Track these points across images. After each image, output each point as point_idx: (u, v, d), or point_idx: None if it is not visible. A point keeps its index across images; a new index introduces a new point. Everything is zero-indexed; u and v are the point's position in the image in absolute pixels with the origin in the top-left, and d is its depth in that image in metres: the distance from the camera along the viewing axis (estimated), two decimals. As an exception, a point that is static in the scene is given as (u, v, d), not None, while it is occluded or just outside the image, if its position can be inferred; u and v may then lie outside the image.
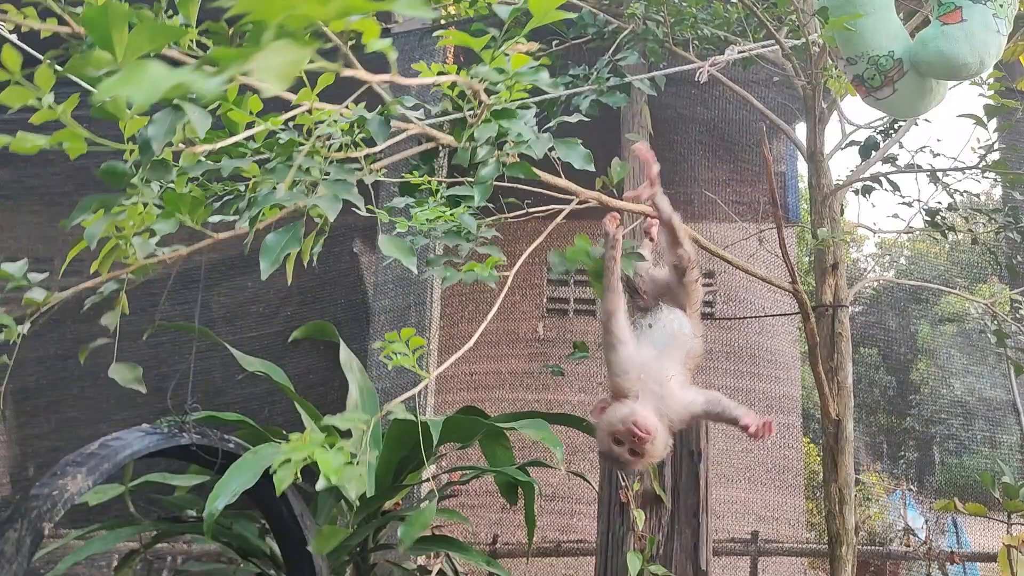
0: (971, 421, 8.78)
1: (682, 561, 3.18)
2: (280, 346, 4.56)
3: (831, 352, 3.20)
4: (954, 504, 3.65)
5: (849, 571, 3.04)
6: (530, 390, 7.32)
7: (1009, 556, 3.45)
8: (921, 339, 16.45)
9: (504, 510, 5.42)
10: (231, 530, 3.27)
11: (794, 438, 8.84)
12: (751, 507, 8.12)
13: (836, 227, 3.25)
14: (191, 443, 2.80)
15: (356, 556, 3.38)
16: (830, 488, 3.10)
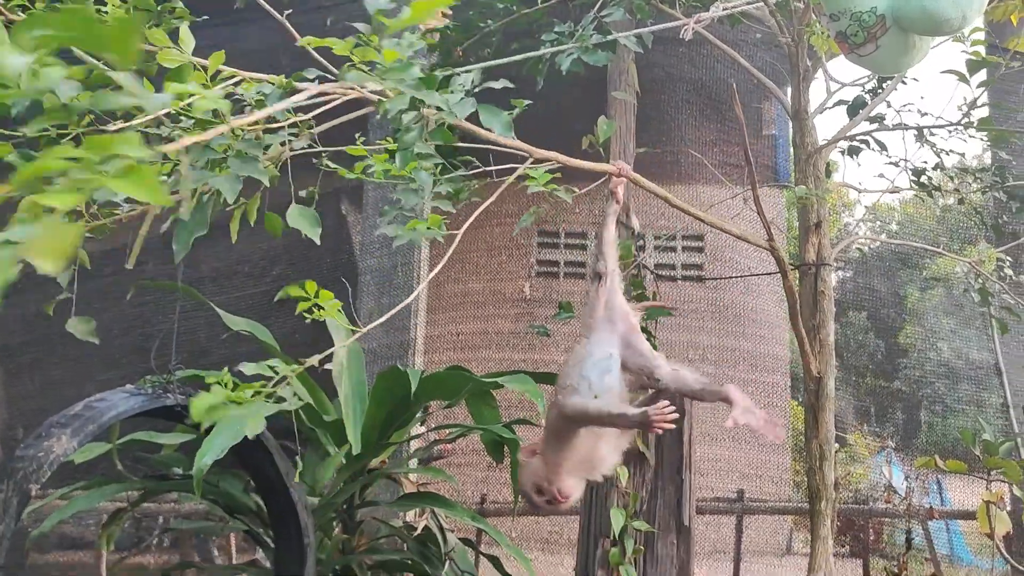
0: (957, 383, 8.85)
1: (665, 517, 3.22)
2: (266, 306, 4.55)
3: (813, 311, 3.21)
4: (935, 461, 3.69)
5: (828, 526, 3.08)
6: (516, 350, 7.35)
7: (988, 512, 3.50)
8: (909, 303, 16.56)
9: (491, 469, 5.47)
10: (218, 487, 3.29)
11: (779, 396, 8.92)
12: (735, 465, 8.22)
13: (820, 186, 3.25)
14: (176, 403, 2.80)
15: (343, 513, 3.41)
16: (811, 445, 3.14)
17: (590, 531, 3.24)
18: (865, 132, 3.67)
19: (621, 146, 3.66)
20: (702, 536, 6.78)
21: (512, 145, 2.10)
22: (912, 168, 3.76)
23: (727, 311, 8.57)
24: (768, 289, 8.51)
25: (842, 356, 21.01)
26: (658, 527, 3.18)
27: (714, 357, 8.67)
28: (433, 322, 5.44)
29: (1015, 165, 4.06)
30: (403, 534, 3.44)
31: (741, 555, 6.79)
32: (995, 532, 3.41)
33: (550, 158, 2.27)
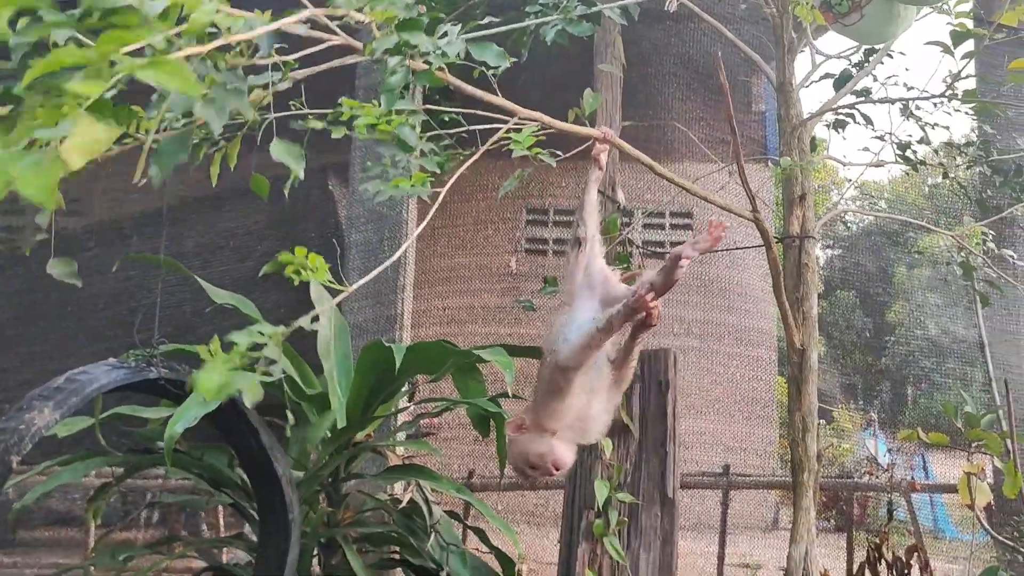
0: (943, 360, 8.92)
1: (649, 489, 3.24)
2: (251, 281, 4.53)
3: (797, 283, 3.22)
4: (917, 434, 3.71)
5: (810, 497, 3.10)
6: (503, 324, 7.37)
7: (969, 483, 3.53)
8: (897, 281, 16.64)
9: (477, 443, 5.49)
10: (202, 461, 3.29)
11: (764, 370, 8.98)
12: (720, 438, 8.28)
13: (805, 158, 3.25)
14: (159, 377, 2.79)
15: (328, 487, 3.41)
16: (794, 417, 3.15)
17: (575, 503, 3.26)
18: (850, 105, 3.67)
19: (607, 119, 3.65)
20: (687, 509, 6.84)
21: (496, 102, 2.09)
22: (897, 142, 3.76)
23: (712, 285, 8.60)
24: (753, 263, 8.54)
25: (830, 334, 21.16)
26: (642, 499, 3.20)
27: (699, 331, 8.71)
28: (420, 296, 5.43)
29: (999, 139, 4.07)
30: (388, 507, 3.45)
31: (727, 529, 6.85)
32: (975, 503, 3.44)
33: (535, 118, 2.26)
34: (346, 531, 3.35)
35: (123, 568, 3.42)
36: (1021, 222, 4.56)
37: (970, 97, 3.45)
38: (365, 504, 3.55)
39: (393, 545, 3.51)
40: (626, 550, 3.14)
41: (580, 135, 2.47)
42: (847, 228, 9.09)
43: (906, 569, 3.97)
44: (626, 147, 2.56)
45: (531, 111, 2.33)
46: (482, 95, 2.19)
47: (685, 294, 8.28)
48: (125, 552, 3.43)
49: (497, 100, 2.24)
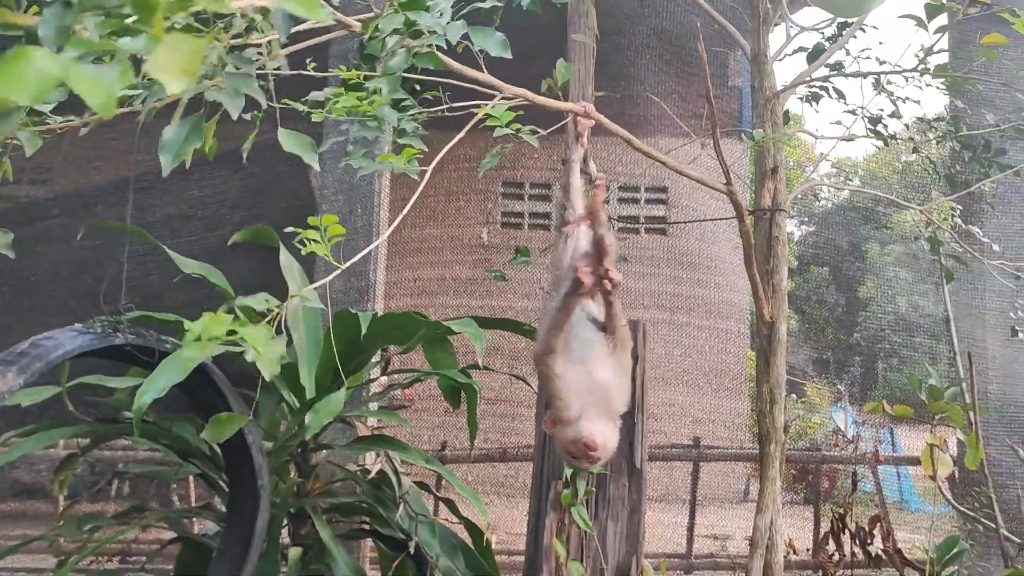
0: (913, 336, 9.03)
1: (617, 460, 3.26)
2: (220, 251, 4.48)
3: (768, 256, 3.23)
4: (883, 407, 3.76)
5: (777, 468, 3.14)
6: (474, 296, 7.37)
7: (932, 455, 3.59)
8: (869, 258, 16.81)
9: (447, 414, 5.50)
10: (171, 432, 3.26)
11: (733, 343, 9.07)
12: (689, 410, 8.36)
13: (777, 131, 3.25)
14: (125, 343, 2.75)
15: (297, 457, 3.41)
16: (762, 388, 3.18)
17: (543, 474, 3.27)
18: (823, 78, 3.67)
19: (580, 90, 3.63)
20: (655, 480, 6.91)
21: (482, 79, 2.06)
22: (869, 116, 3.77)
23: (683, 259, 8.65)
24: (724, 237, 8.59)
25: (803, 309, 21.36)
26: (610, 469, 3.21)
27: (670, 304, 8.77)
28: (392, 267, 5.41)
29: (970, 115, 4.10)
30: (358, 478, 3.45)
31: (697, 501, 6.94)
32: (937, 474, 3.50)
33: (519, 95, 2.24)
34: (315, 501, 3.34)
35: (89, 539, 3.40)
36: (988, 198, 4.61)
37: (941, 72, 3.47)
38: (335, 475, 3.55)
39: (362, 515, 3.51)
40: (594, 520, 3.16)
41: (562, 110, 2.46)
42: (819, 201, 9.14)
43: (869, 538, 4.03)
44: (606, 122, 2.55)
45: (516, 88, 2.31)
46: (469, 72, 2.16)
47: (656, 267, 8.32)
48: (92, 523, 3.41)
49: (483, 77, 2.22)
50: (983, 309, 5.02)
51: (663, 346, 8.03)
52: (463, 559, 3.26)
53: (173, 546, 3.80)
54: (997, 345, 4.99)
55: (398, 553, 3.21)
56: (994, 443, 4.85)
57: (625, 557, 3.21)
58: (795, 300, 18.97)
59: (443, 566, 3.18)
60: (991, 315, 5.01)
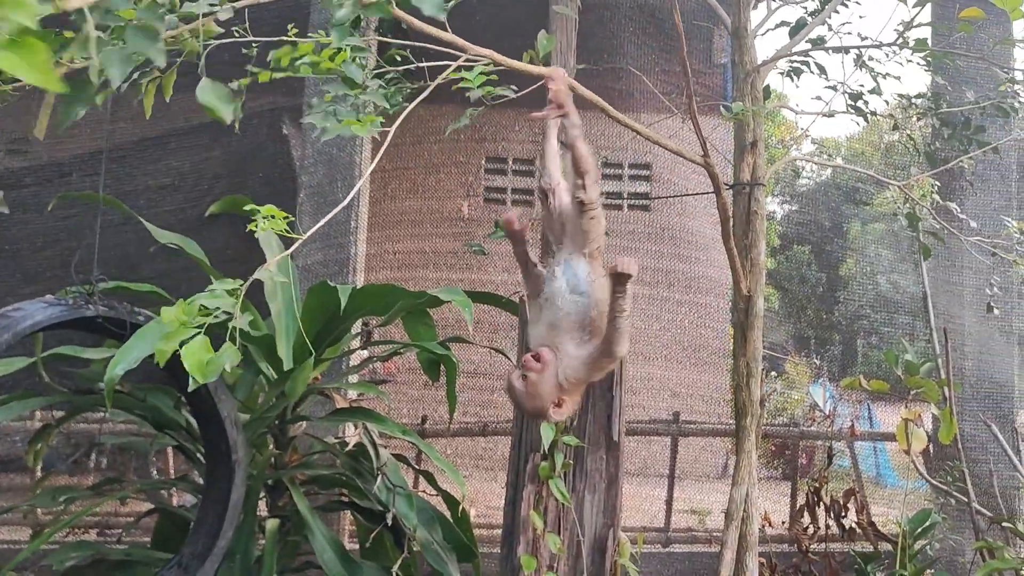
0: (893, 315, 9.09)
1: (595, 433, 3.27)
2: (197, 222, 4.45)
3: (746, 230, 3.23)
4: (859, 381, 3.80)
5: (752, 441, 3.16)
6: (454, 270, 7.35)
7: (906, 429, 3.63)
8: (851, 236, 16.88)
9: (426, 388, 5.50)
10: (145, 402, 3.24)
11: (713, 318, 9.10)
12: (667, 384, 8.41)
13: (757, 104, 3.24)
14: (97, 315, 2.72)
15: (275, 429, 3.40)
16: (739, 362, 3.20)
17: (521, 446, 3.28)
18: (804, 51, 3.66)
19: (562, 62, 3.60)
20: (633, 454, 6.95)
21: (446, 39, 2.04)
22: (849, 92, 3.77)
23: (664, 233, 8.65)
24: (705, 212, 8.60)
25: (784, 288, 21.45)
26: (588, 442, 3.22)
27: (650, 279, 8.79)
28: (372, 240, 5.37)
29: (951, 92, 4.10)
30: (336, 450, 3.44)
31: (675, 476, 6.98)
32: (912, 448, 3.54)
33: (484, 55, 2.22)
34: (293, 473, 3.34)
35: (65, 510, 3.39)
36: (968, 175, 4.62)
37: (921, 46, 3.46)
38: (313, 447, 3.54)
39: (340, 487, 3.52)
40: (571, 492, 3.17)
41: (531, 74, 2.43)
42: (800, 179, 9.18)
43: (843, 511, 4.08)
44: (578, 87, 2.52)
45: (481, 48, 2.28)
46: (431, 30, 2.14)
47: (636, 241, 8.32)
48: (68, 494, 3.39)
49: (446, 36, 2.19)
50: (960, 286, 5.05)
51: (642, 320, 8.05)
52: (440, 530, 3.27)
53: (151, 518, 3.79)
54: (973, 322, 5.03)
55: (376, 525, 3.21)
56: (968, 419, 4.90)
57: (602, 529, 3.23)
58: (776, 278, 19.04)
59: (421, 537, 3.19)
60: (968, 292, 5.04)
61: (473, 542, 3.39)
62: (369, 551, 3.31)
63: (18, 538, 5.43)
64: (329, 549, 3.11)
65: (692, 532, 6.99)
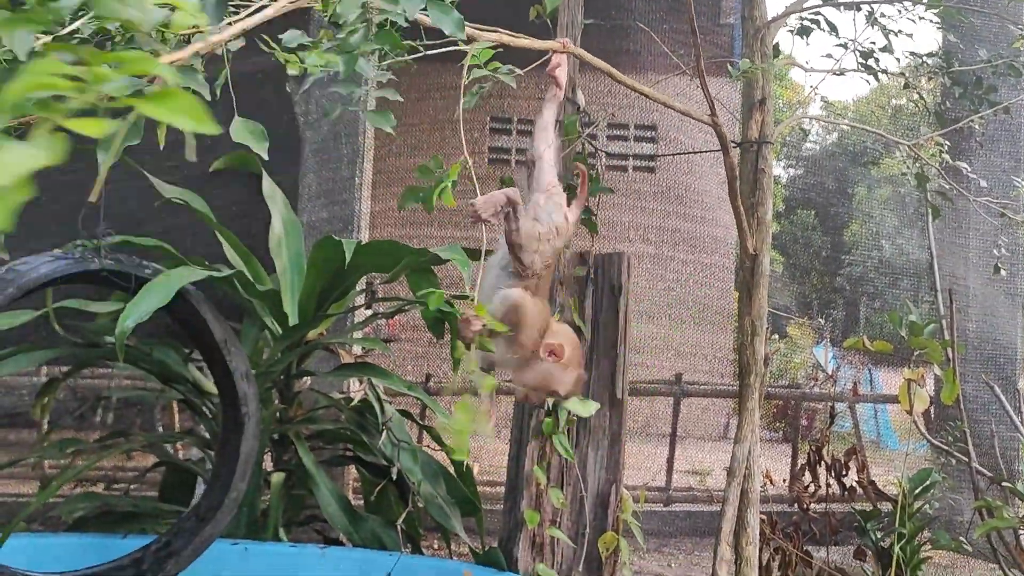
0: (897, 280, 9.10)
1: (599, 390, 3.29)
2: (202, 178, 4.43)
3: (753, 188, 3.22)
4: (863, 342, 3.80)
5: (756, 399, 3.17)
6: (459, 228, 7.35)
7: (909, 390, 3.63)
8: (856, 202, 16.85)
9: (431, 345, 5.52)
10: (152, 356, 3.26)
11: (718, 278, 9.11)
12: (671, 343, 8.44)
13: (766, 62, 3.21)
14: (102, 268, 2.72)
15: (280, 384, 3.41)
16: (744, 321, 3.20)
17: (525, 403, 3.29)
18: (815, 8, 3.62)
19: (569, 17, 3.55)
20: (636, 412, 6.99)
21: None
22: (860, 50, 3.72)
23: (670, 192, 8.63)
24: (712, 171, 8.56)
25: (788, 252, 21.41)
26: (592, 399, 3.24)
27: (655, 238, 8.78)
28: (377, 197, 5.36)
29: (963, 50, 4.06)
30: (341, 405, 3.47)
31: (677, 437, 7.04)
32: (913, 409, 3.55)
33: (495, 40, 2.19)
34: (298, 428, 3.37)
35: (72, 463, 3.43)
36: (977, 135, 4.58)
37: (935, 2, 3.42)
38: (318, 402, 3.57)
39: (345, 442, 3.55)
40: (575, 448, 3.19)
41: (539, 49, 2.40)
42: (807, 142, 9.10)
43: (844, 470, 4.11)
44: (586, 56, 2.49)
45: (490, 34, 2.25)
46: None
47: (641, 200, 8.29)
48: (75, 446, 3.43)
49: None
50: (966, 248, 5.04)
51: (647, 280, 8.06)
52: (444, 485, 3.30)
53: (157, 473, 3.83)
54: (979, 284, 5.03)
55: (380, 479, 3.24)
56: (971, 380, 4.92)
57: (605, 485, 3.26)
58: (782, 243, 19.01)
59: (424, 492, 3.22)
60: (974, 254, 5.03)
61: (477, 497, 3.42)
62: (373, 505, 3.35)
63: (25, 491, 5.50)
64: (334, 503, 3.14)
65: (693, 491, 7.07)
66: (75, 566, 2.41)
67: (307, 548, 2.98)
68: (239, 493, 2.73)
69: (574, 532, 3.17)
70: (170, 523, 2.78)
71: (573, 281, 3.28)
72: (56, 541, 2.84)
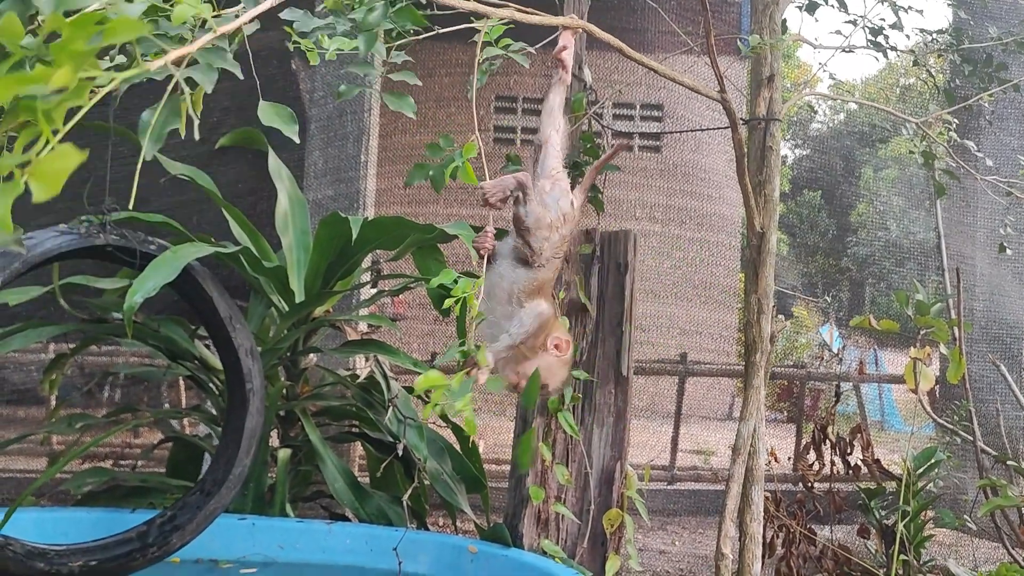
0: (903, 262, 9.09)
1: (604, 367, 3.29)
2: (207, 155, 4.43)
3: (760, 166, 3.21)
4: (869, 321, 3.79)
5: (761, 376, 3.17)
6: (464, 205, 7.35)
7: (915, 368, 3.63)
8: (863, 183, 16.82)
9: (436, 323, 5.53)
10: (159, 333, 3.27)
11: (724, 256, 9.09)
12: (676, 322, 8.44)
13: (775, 38, 3.18)
14: (108, 244, 2.72)
15: (287, 360, 3.43)
16: (750, 298, 3.20)
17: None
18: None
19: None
20: (641, 390, 7.00)
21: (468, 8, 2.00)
22: (870, 27, 3.69)
23: (676, 170, 8.60)
24: (719, 148, 8.52)
25: (794, 234, 21.32)
26: (597, 377, 3.24)
27: (662, 216, 8.75)
28: (383, 175, 5.35)
29: (973, 27, 4.02)
30: (347, 382, 3.48)
31: (681, 416, 7.06)
32: (919, 388, 3.54)
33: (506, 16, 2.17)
34: (305, 404, 3.38)
35: (80, 439, 3.45)
36: (987, 113, 4.56)
37: (945, -22, 3.39)
38: (324, 379, 3.58)
39: (351, 419, 3.56)
40: (580, 426, 3.20)
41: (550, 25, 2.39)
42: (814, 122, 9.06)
43: (849, 448, 4.12)
44: (597, 32, 2.47)
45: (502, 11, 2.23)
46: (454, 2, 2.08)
47: (648, 178, 8.27)
48: (83, 421, 3.45)
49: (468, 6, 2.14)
50: (974, 227, 5.02)
51: (653, 258, 8.05)
52: (450, 461, 3.32)
53: (164, 450, 3.85)
54: (986, 263, 5.02)
55: (386, 455, 3.25)
56: (977, 359, 4.92)
57: (610, 462, 3.27)
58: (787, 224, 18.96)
59: (430, 468, 3.23)
60: (981, 233, 5.01)
61: (482, 473, 3.44)
62: (379, 481, 3.37)
63: (34, 467, 5.54)
64: (340, 479, 3.16)
65: (697, 470, 7.09)
66: (83, 540, 2.43)
67: (314, 524, 3.00)
68: (244, 468, 2.75)
69: (579, 509, 3.19)
70: (178, 498, 2.80)
71: (579, 259, 3.27)
72: (65, 515, 2.86)
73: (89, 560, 2.37)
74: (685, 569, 5.24)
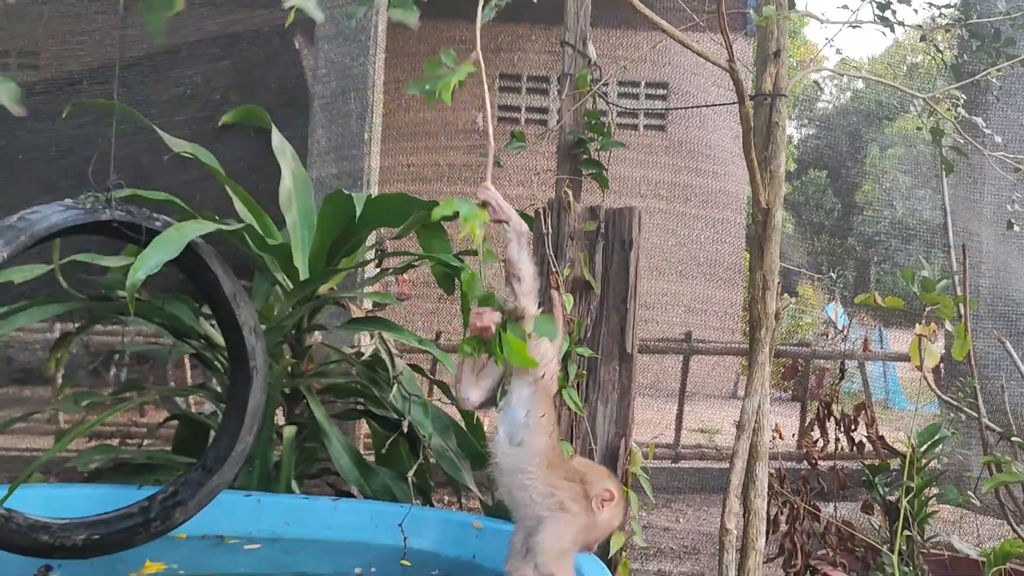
0: (909, 241, 9.05)
1: (609, 344, 3.29)
2: (210, 133, 4.42)
3: (766, 141, 3.19)
4: (874, 298, 3.78)
5: (766, 353, 3.17)
6: (468, 183, 7.33)
7: (920, 345, 3.62)
8: (869, 162, 16.71)
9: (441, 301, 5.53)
10: (164, 311, 3.27)
11: (729, 233, 9.06)
12: (681, 299, 8.43)
13: (783, 10, 3.15)
14: (113, 219, 2.71)
15: (291, 338, 3.43)
16: (755, 275, 3.19)
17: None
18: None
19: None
20: (645, 367, 7.01)
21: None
22: (876, 1, 3.66)
23: (682, 147, 8.56)
24: (724, 125, 8.48)
25: (800, 213, 21.25)
26: (601, 354, 3.24)
27: (667, 193, 8.72)
28: (386, 152, 5.32)
29: (981, 1, 3.97)
30: (352, 359, 3.48)
31: (686, 394, 7.07)
32: (924, 365, 3.54)
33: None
34: (310, 382, 3.39)
35: (84, 419, 3.46)
36: (995, 89, 4.52)
37: (954, -50, 3.35)
38: (329, 356, 3.58)
39: (356, 396, 3.57)
40: (584, 402, 3.21)
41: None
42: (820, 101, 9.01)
43: (853, 425, 4.12)
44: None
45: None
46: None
47: (653, 155, 8.23)
48: (89, 399, 3.46)
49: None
50: (980, 204, 5.00)
51: (658, 235, 8.03)
52: (455, 438, 3.32)
53: (170, 428, 3.87)
54: (992, 240, 5.00)
55: (391, 432, 3.26)
56: (982, 336, 4.91)
57: (614, 439, 3.27)
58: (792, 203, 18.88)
59: (435, 445, 3.24)
60: (988, 210, 4.99)
61: (487, 450, 3.44)
62: (385, 458, 3.38)
63: (40, 445, 5.56)
64: (345, 455, 3.17)
65: (701, 448, 7.11)
66: (87, 515, 2.44)
67: (319, 500, 3.02)
68: (246, 445, 2.75)
69: (584, 485, 3.20)
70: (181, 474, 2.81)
71: (583, 236, 3.26)
72: (71, 492, 2.88)
73: (92, 534, 2.38)
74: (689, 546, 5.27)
